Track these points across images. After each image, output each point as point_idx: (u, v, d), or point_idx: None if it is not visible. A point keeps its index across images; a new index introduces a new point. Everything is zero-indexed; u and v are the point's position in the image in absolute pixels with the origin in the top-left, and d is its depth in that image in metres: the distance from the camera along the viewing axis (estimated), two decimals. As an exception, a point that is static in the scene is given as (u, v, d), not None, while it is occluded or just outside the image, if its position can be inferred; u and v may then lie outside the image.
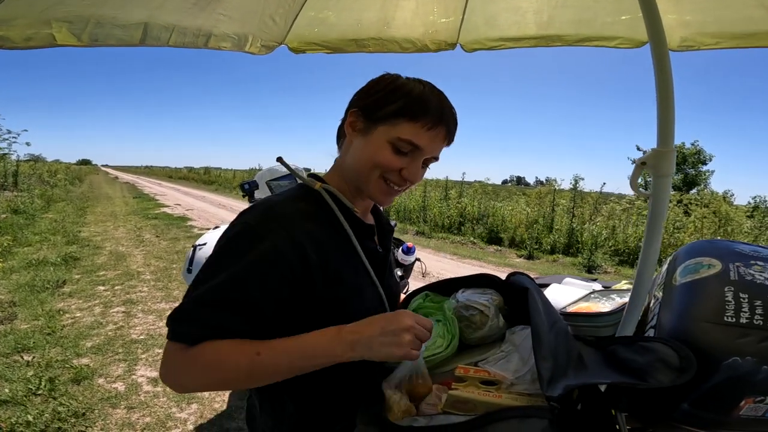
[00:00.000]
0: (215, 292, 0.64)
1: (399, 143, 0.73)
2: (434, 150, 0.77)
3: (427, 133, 0.74)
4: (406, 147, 0.74)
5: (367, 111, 0.76)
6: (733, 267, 0.73)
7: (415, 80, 0.78)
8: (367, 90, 0.79)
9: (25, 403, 2.44)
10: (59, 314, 3.82)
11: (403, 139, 0.73)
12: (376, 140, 0.75)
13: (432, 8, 1.54)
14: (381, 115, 0.74)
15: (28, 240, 6.87)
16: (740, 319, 0.66)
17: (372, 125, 0.75)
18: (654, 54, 0.90)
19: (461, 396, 0.65)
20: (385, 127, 0.74)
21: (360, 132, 0.77)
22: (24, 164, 18.11)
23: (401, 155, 0.75)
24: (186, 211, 12.12)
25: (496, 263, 7.05)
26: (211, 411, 2.46)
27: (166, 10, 1.14)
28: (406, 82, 0.77)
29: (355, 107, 0.78)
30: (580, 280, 1.30)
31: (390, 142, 0.74)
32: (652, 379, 0.58)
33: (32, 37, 0.94)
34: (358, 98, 0.79)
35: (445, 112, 0.76)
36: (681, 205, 9.11)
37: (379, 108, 0.75)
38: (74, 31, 0.98)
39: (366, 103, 0.76)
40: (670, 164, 0.87)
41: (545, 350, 0.60)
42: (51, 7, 0.92)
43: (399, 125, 0.73)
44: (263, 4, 1.37)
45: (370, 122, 0.75)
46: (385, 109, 0.74)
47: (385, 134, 0.74)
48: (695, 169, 22.05)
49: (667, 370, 0.59)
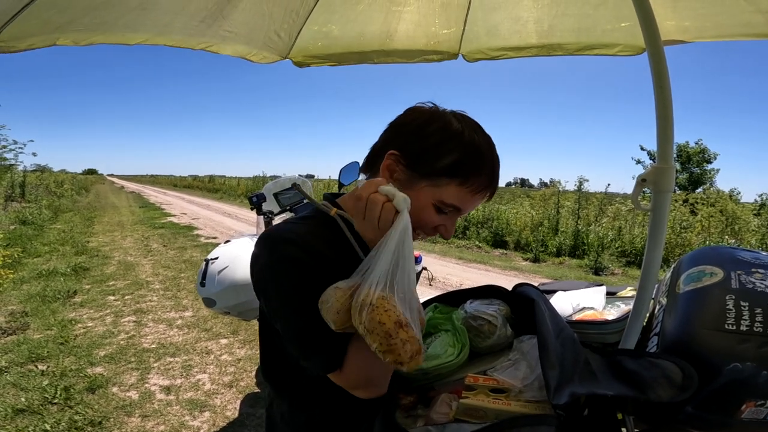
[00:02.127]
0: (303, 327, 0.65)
1: (443, 206, 0.68)
2: (473, 208, 0.72)
3: (474, 196, 0.69)
4: (449, 209, 0.69)
5: (412, 160, 0.67)
6: (735, 275, 0.76)
7: (467, 125, 0.69)
8: (412, 130, 0.69)
9: (42, 412, 2.48)
10: (71, 324, 3.87)
11: (447, 204, 0.68)
12: (420, 199, 0.67)
13: (434, 20, 1.57)
14: (428, 170, 0.67)
15: (37, 251, 6.96)
16: (740, 327, 0.68)
17: (415, 179, 0.68)
18: (653, 71, 0.92)
19: (472, 404, 0.68)
20: (431, 186, 0.67)
21: (399, 182, 0.68)
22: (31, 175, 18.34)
23: (441, 214, 0.69)
24: (192, 220, 12.21)
25: (501, 267, 7.04)
26: (223, 419, 2.49)
27: (174, 28, 1.17)
28: (460, 129, 0.68)
29: (395, 149, 0.68)
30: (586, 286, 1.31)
31: (434, 204, 0.68)
32: (653, 393, 0.61)
33: (35, 44, 0.97)
34: (398, 136, 0.70)
35: (495, 171, 0.70)
36: (687, 204, 9.06)
37: (428, 162, 0.67)
38: (76, 40, 1.01)
39: (411, 150, 0.68)
40: (669, 180, 0.89)
41: (551, 358, 0.62)
42: (62, 25, 0.95)
43: (447, 186, 0.67)
44: (269, 21, 1.40)
45: (414, 174, 0.68)
46: (434, 164, 0.66)
47: (430, 194, 0.67)
48: (700, 168, 21.89)
49: (669, 386, 0.62)
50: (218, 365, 3.15)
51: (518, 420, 0.58)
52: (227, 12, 1.20)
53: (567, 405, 0.57)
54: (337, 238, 0.69)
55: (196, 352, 3.37)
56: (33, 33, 0.93)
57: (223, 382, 2.90)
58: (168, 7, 1.06)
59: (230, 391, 2.79)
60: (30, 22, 0.90)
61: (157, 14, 1.06)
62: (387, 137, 0.72)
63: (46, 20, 0.91)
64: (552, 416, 0.57)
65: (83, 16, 0.93)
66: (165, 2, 1.04)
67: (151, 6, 1.02)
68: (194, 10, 1.12)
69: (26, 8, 0.85)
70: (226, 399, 2.70)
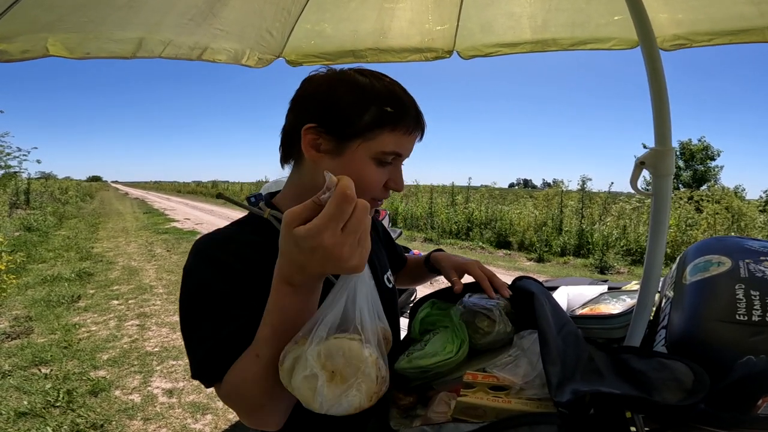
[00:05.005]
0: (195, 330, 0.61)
1: (383, 156, 0.65)
2: (411, 150, 0.70)
3: (409, 137, 0.67)
4: (390, 158, 0.66)
5: (333, 126, 0.64)
6: (743, 264, 0.73)
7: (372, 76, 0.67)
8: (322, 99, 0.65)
9: (44, 415, 2.48)
10: (75, 328, 3.88)
11: (387, 152, 0.65)
12: (357, 160, 0.65)
13: (427, 16, 1.55)
14: (354, 130, 0.64)
15: (42, 257, 6.99)
16: (752, 317, 0.65)
17: (345, 142, 0.64)
18: (645, 54, 0.90)
19: (471, 402, 0.65)
20: (365, 142, 0.64)
21: (328, 153, 0.65)
22: (35, 182, 18.48)
23: (383, 166, 0.67)
24: (195, 225, 12.24)
25: (505, 267, 7.00)
26: (225, 421, 2.47)
27: (164, 26, 1.15)
28: (369, 82, 0.66)
29: (311, 122, 0.64)
30: (590, 282, 1.29)
31: (374, 159, 0.65)
32: (660, 395, 0.57)
33: (29, 50, 0.96)
34: (307, 110, 0.66)
35: (418, 109, 0.69)
36: (692, 201, 8.98)
37: (351, 122, 0.64)
38: (69, 45, 0.99)
39: (328, 118, 0.64)
40: (669, 163, 0.86)
41: (553, 354, 0.59)
42: (51, 23, 0.94)
43: (379, 137, 0.64)
44: (260, 19, 1.39)
45: (341, 139, 0.64)
46: (359, 122, 0.64)
47: (366, 151, 0.64)
48: (704, 165, 21.77)
49: (678, 389, 0.58)
50: (220, 369, 3.13)
51: (516, 419, 0.55)
52: (217, 10, 1.19)
53: (571, 403, 0.54)
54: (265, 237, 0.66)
55: (198, 355, 3.36)
56: (21, 32, 0.92)
57: (226, 385, 2.89)
58: (157, 5, 1.05)
59: (232, 395, 2.77)
60: (17, 19, 0.89)
61: (146, 12, 1.04)
62: (296, 114, 0.68)
63: (33, 18, 0.90)
64: (553, 414, 0.54)
65: (70, 14, 0.91)
66: (153, 0, 1.02)
67: (140, 4, 1.01)
68: (184, 7, 1.11)
69: (13, 6, 0.84)
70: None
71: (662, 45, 1.40)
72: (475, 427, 0.58)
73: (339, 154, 0.65)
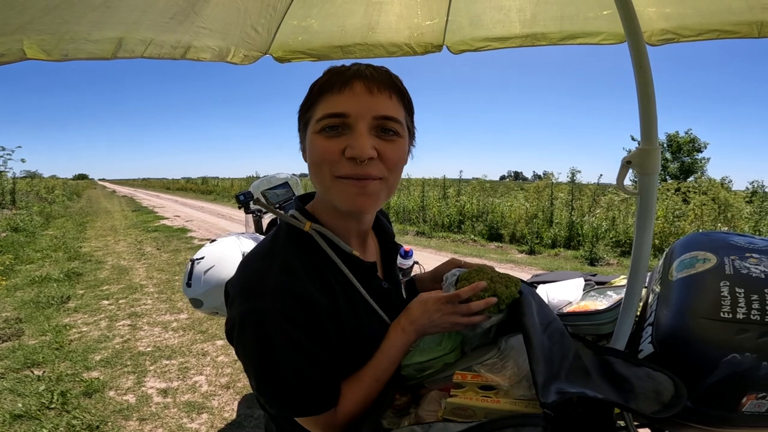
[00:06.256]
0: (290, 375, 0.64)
1: (322, 124, 0.66)
2: (366, 108, 0.65)
3: (340, 95, 0.65)
4: (332, 122, 0.65)
5: (299, 126, 0.73)
6: (729, 261, 0.73)
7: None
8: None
9: (40, 417, 2.46)
10: (66, 329, 3.83)
11: (322, 118, 0.66)
12: (308, 142, 0.69)
13: (416, 11, 1.53)
14: (305, 119, 0.71)
15: (29, 257, 6.87)
16: (737, 315, 0.66)
17: (304, 136, 0.72)
18: (632, 50, 0.89)
19: (460, 402, 0.65)
20: (310, 124, 0.69)
21: (303, 151, 0.74)
22: (21, 181, 18.12)
23: (334, 135, 0.65)
24: (185, 222, 12.11)
25: (497, 260, 7.03)
26: (221, 420, 2.46)
27: (144, 25, 1.11)
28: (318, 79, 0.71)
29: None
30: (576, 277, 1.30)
31: (317, 132, 0.67)
32: (636, 404, 0.59)
33: (5, 53, 0.92)
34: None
35: (351, 67, 0.67)
36: (679, 193, 9.10)
37: (301, 115, 0.72)
38: (45, 47, 0.96)
39: (299, 120, 0.74)
40: (655, 162, 0.86)
41: (537, 354, 0.60)
42: (24, 25, 0.91)
43: (315, 110, 0.68)
44: (244, 16, 1.35)
45: (303, 135, 0.72)
46: (305, 113, 0.71)
47: (312, 129, 0.68)
48: (691, 157, 22.07)
49: (655, 401, 0.59)
50: (215, 367, 3.12)
51: (501, 421, 0.55)
52: (199, 8, 1.15)
53: (557, 403, 0.54)
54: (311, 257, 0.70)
55: (192, 354, 3.34)
56: None
57: (220, 383, 2.88)
58: (135, 3, 1.01)
59: (227, 393, 2.76)
60: None
61: (124, 12, 1.01)
62: None
63: (5, 21, 0.87)
64: (537, 415, 0.54)
65: (43, 16, 0.88)
66: None
67: (116, 3, 0.97)
68: (163, 6, 1.07)
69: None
70: (224, 400, 2.67)
71: (650, 40, 1.40)
72: (464, 427, 0.58)
73: (305, 148, 0.72)
